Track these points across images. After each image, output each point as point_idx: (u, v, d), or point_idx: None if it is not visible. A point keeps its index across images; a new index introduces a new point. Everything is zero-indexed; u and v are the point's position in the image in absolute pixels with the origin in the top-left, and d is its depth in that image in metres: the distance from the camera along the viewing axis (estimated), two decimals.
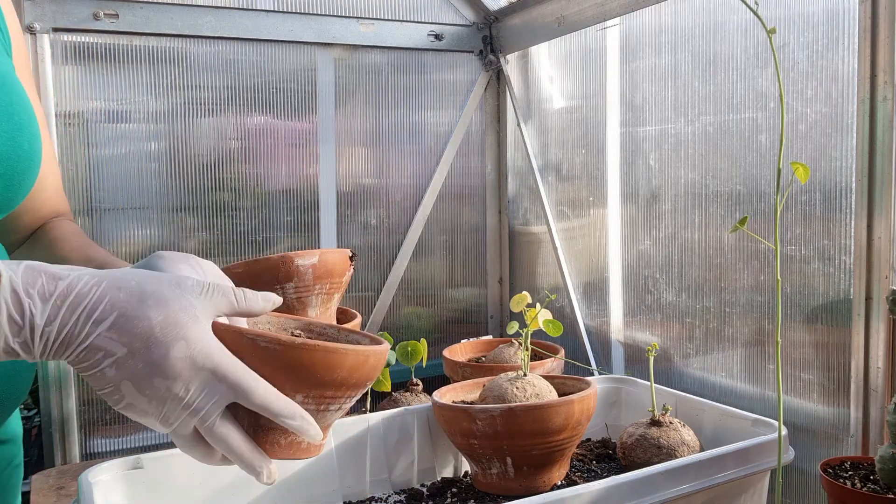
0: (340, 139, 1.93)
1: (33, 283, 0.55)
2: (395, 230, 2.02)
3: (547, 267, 2.00)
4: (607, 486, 0.97)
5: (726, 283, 1.44)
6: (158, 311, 0.58)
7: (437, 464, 1.29)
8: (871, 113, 1.13)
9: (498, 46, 2.06)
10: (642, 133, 1.63)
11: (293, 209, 1.88)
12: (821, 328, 1.26)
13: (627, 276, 1.71)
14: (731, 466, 1.07)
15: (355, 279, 1.95)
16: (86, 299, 0.57)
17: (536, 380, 1.19)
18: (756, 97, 1.36)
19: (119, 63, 1.66)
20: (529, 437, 1.09)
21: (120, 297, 0.57)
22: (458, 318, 2.13)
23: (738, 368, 1.43)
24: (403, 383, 1.59)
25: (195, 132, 1.76)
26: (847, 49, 1.19)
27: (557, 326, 1.51)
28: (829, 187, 1.23)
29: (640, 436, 1.17)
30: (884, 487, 1.02)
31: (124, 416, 1.89)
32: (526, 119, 2.03)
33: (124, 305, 0.57)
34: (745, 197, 1.39)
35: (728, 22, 1.41)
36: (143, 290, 0.59)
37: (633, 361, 1.73)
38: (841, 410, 1.24)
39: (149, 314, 0.57)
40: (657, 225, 1.60)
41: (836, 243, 1.23)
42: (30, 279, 0.56)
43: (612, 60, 1.71)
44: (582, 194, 1.83)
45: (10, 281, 0.55)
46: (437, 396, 1.22)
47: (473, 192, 2.13)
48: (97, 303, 0.57)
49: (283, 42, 1.83)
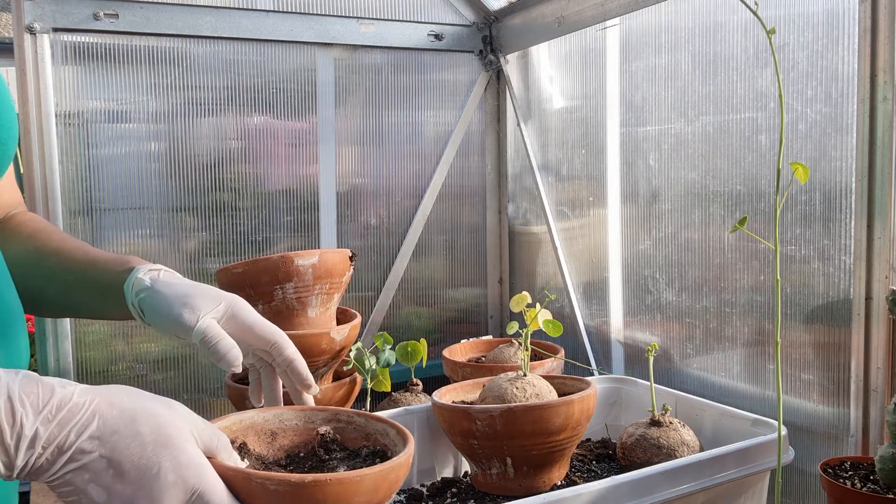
0: (340, 139, 1.93)
1: (28, 392, 0.55)
2: (395, 230, 2.02)
3: (547, 267, 2.00)
4: (607, 486, 0.97)
5: (726, 283, 1.44)
6: (151, 429, 0.58)
7: (436, 464, 1.29)
8: (871, 113, 1.13)
9: (498, 46, 2.06)
10: (642, 133, 1.63)
11: (293, 209, 1.88)
12: (821, 328, 1.26)
13: (627, 276, 1.71)
14: (730, 466, 1.07)
15: (355, 279, 1.95)
16: (77, 415, 0.56)
17: (536, 380, 1.19)
18: (756, 97, 1.36)
19: (119, 63, 1.66)
20: (529, 438, 1.09)
21: (112, 414, 0.57)
22: (458, 318, 2.13)
23: (738, 368, 1.43)
24: (403, 383, 1.59)
25: (195, 132, 1.76)
26: (847, 49, 1.19)
27: (557, 326, 1.51)
28: (829, 187, 1.23)
29: (639, 436, 1.17)
30: (884, 487, 1.02)
31: None
32: (526, 119, 2.03)
33: (116, 423, 0.57)
34: (745, 197, 1.39)
35: (728, 22, 1.41)
36: (135, 408, 0.59)
37: (633, 361, 1.73)
38: (841, 410, 1.24)
39: (140, 431, 0.57)
40: (657, 225, 1.60)
41: (836, 243, 1.23)
42: (26, 389, 0.55)
43: (612, 60, 1.71)
44: (582, 194, 1.83)
45: (8, 388, 0.54)
46: (437, 397, 1.22)
47: (473, 192, 2.13)
48: (89, 419, 0.57)
49: (283, 42, 1.83)
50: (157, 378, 1.75)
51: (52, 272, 0.89)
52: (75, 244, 0.89)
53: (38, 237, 0.89)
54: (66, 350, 1.64)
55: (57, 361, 1.63)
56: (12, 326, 0.77)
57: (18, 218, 0.93)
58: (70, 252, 0.87)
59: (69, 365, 1.64)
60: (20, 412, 0.54)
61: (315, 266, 1.44)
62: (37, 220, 0.93)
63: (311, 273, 1.44)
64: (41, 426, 0.54)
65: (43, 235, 0.89)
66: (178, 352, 1.76)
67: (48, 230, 0.91)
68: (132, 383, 1.72)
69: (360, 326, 1.57)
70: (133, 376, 1.73)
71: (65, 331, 1.63)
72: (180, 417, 0.61)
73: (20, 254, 0.89)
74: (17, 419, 0.54)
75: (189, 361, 1.78)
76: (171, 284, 0.81)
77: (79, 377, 1.66)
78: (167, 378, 1.76)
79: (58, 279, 0.89)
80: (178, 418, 0.61)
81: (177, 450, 0.58)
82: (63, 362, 1.64)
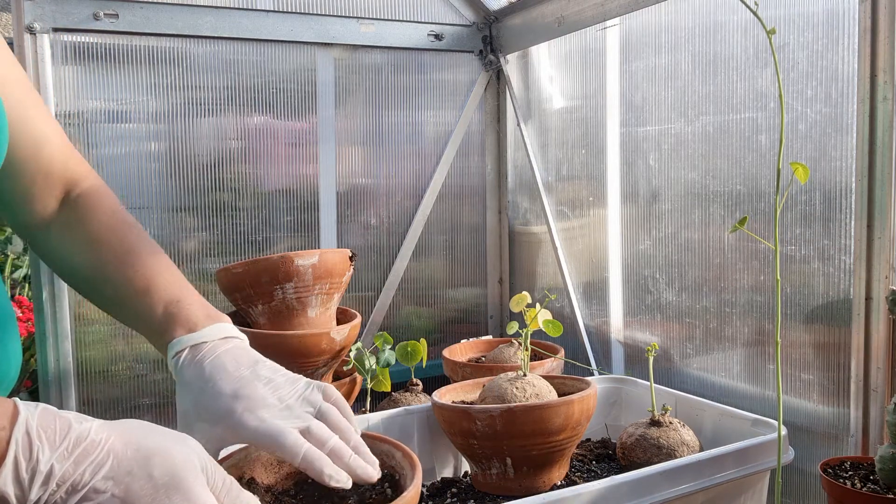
0: (340, 139, 1.93)
1: (46, 427, 0.55)
2: (395, 230, 2.02)
3: (547, 267, 2.00)
4: (607, 486, 0.97)
5: (726, 283, 1.44)
6: (163, 470, 0.58)
7: (436, 464, 1.29)
8: (871, 113, 1.13)
9: (498, 46, 2.06)
10: (642, 133, 1.63)
11: (293, 209, 1.88)
12: (821, 328, 1.26)
13: (627, 276, 1.71)
14: (730, 466, 1.07)
15: (355, 279, 1.95)
16: (93, 453, 0.56)
17: (536, 380, 1.19)
18: (756, 97, 1.36)
19: (119, 63, 1.66)
20: (529, 438, 1.09)
21: (127, 455, 0.58)
22: (458, 318, 2.13)
23: (738, 368, 1.43)
24: (403, 383, 1.59)
25: (195, 132, 1.76)
26: (847, 49, 1.19)
27: (557, 326, 1.51)
28: (829, 187, 1.23)
29: (639, 436, 1.17)
30: (884, 487, 1.02)
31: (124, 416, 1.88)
32: (526, 119, 2.03)
33: (130, 464, 0.57)
34: (745, 197, 1.39)
35: (728, 22, 1.41)
36: (150, 447, 0.59)
37: (633, 361, 1.73)
38: (841, 410, 1.24)
39: (154, 473, 0.58)
40: (657, 225, 1.60)
41: (836, 243, 1.23)
42: (44, 423, 0.55)
43: (612, 60, 1.71)
44: (582, 194, 1.83)
45: (27, 423, 0.54)
46: (437, 397, 1.22)
47: (473, 192, 2.13)
48: (105, 458, 0.57)
49: (283, 42, 1.83)
50: (157, 378, 1.75)
51: (105, 298, 0.88)
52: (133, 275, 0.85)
53: (99, 250, 0.87)
54: (66, 350, 1.64)
55: (57, 361, 1.63)
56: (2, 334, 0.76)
57: (83, 208, 0.90)
58: (125, 287, 0.85)
59: (69, 365, 1.64)
60: (37, 447, 0.54)
61: (315, 266, 1.44)
62: (101, 223, 0.89)
63: (311, 273, 1.44)
64: (56, 463, 0.54)
65: (103, 252, 0.87)
66: None
67: (109, 242, 0.87)
68: (132, 383, 1.73)
69: (360, 326, 1.57)
70: (133, 376, 1.73)
71: (65, 331, 1.64)
72: (192, 452, 0.61)
73: (74, 258, 0.89)
74: (34, 454, 0.54)
75: None
76: (184, 385, 0.77)
77: (79, 377, 1.66)
78: (167, 378, 1.76)
79: (108, 304, 0.89)
80: (190, 455, 0.61)
81: (187, 493, 0.58)
82: (63, 362, 1.64)
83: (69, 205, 0.91)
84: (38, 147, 0.86)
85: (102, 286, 0.87)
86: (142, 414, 1.74)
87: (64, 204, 0.91)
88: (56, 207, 0.91)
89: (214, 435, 0.74)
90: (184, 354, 0.79)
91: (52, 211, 0.91)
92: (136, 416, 1.73)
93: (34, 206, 0.89)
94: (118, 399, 1.72)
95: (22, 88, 0.85)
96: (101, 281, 0.87)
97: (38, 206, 0.90)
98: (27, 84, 0.87)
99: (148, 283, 0.84)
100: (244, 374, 0.76)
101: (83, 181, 0.92)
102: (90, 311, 1.68)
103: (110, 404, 1.71)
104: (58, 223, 0.91)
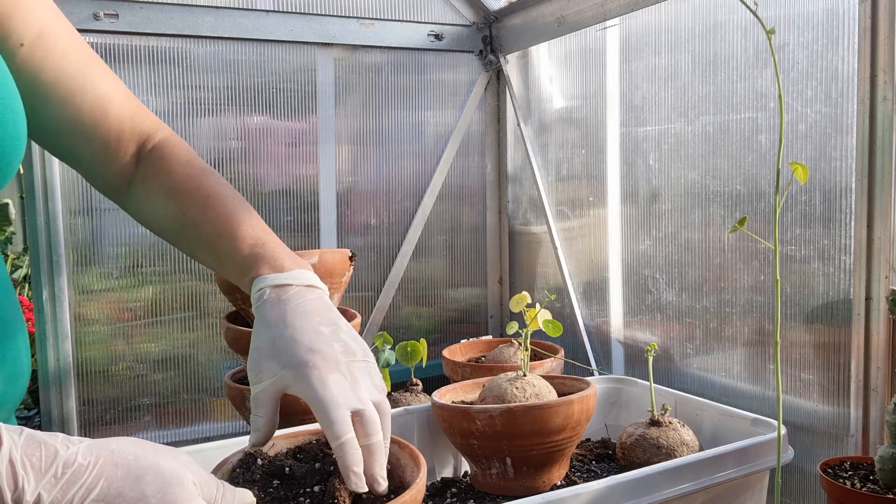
0: (340, 139, 1.93)
1: (31, 455, 0.55)
2: (395, 230, 2.02)
3: (547, 267, 2.00)
4: (607, 486, 0.97)
5: (726, 283, 1.44)
6: (156, 489, 0.58)
7: (436, 464, 1.29)
8: (871, 113, 1.13)
9: (498, 46, 2.06)
10: (642, 133, 1.63)
11: (293, 209, 1.88)
12: (821, 328, 1.26)
13: (627, 276, 1.71)
14: (730, 466, 1.07)
15: (355, 279, 1.95)
16: (82, 477, 0.56)
17: (536, 380, 1.19)
18: (756, 97, 1.36)
19: (119, 63, 1.67)
20: (529, 438, 1.08)
21: (117, 475, 0.57)
22: (458, 318, 2.13)
23: (738, 368, 1.43)
24: (403, 383, 1.59)
25: (195, 132, 1.76)
26: (847, 49, 1.19)
27: (557, 326, 1.51)
28: (829, 187, 1.23)
29: (639, 436, 1.17)
30: (883, 488, 1.02)
31: (124, 416, 1.89)
32: (526, 119, 2.03)
33: (121, 485, 0.57)
34: (745, 197, 1.39)
35: (728, 22, 1.41)
36: (140, 466, 0.58)
37: (633, 361, 1.73)
38: (841, 410, 1.24)
39: (145, 491, 0.57)
40: (657, 225, 1.60)
41: (836, 243, 1.23)
42: (28, 451, 0.55)
43: (612, 60, 1.71)
44: (582, 194, 1.83)
45: (10, 453, 0.54)
46: (437, 396, 1.22)
47: (473, 192, 2.13)
48: (94, 482, 0.56)
49: (282, 42, 1.83)
50: (157, 378, 1.75)
51: (191, 243, 0.90)
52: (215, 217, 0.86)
53: (180, 199, 0.88)
54: (67, 350, 1.64)
55: (57, 361, 1.63)
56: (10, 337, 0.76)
57: (158, 161, 0.91)
58: (209, 228, 0.86)
59: (69, 365, 1.65)
60: (21, 476, 0.53)
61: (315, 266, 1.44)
62: (179, 174, 0.90)
63: None
64: (44, 491, 0.54)
65: (184, 199, 0.88)
66: (179, 352, 1.77)
67: (189, 191, 0.88)
68: (132, 383, 1.73)
69: (360, 326, 1.57)
70: (133, 376, 1.73)
71: (65, 331, 1.64)
72: (184, 467, 0.61)
73: (157, 210, 0.91)
74: (20, 484, 0.53)
75: (189, 361, 1.78)
76: (264, 321, 0.78)
77: (79, 377, 1.66)
78: (167, 378, 1.76)
79: (191, 248, 0.91)
80: (181, 471, 0.60)
81: None
82: (63, 362, 1.64)
83: (145, 160, 0.91)
84: (105, 109, 0.87)
85: (188, 231, 0.89)
86: (142, 414, 1.74)
87: (140, 160, 0.92)
88: (133, 165, 0.91)
89: (280, 376, 0.74)
90: (268, 292, 0.79)
91: (130, 169, 0.91)
92: (135, 415, 1.73)
93: (111, 167, 0.90)
94: (118, 399, 1.72)
95: (79, 50, 0.85)
96: (187, 226, 0.88)
97: (114, 167, 0.90)
98: (82, 44, 0.87)
99: (232, 224, 0.85)
100: (323, 331, 0.77)
101: (155, 134, 0.93)
102: (90, 311, 1.68)
103: (110, 404, 1.71)
104: (138, 180, 0.91)
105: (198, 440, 1.76)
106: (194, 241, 0.89)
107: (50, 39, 0.83)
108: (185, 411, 1.78)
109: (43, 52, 0.82)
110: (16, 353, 0.77)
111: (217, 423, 1.81)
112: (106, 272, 1.69)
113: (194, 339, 1.78)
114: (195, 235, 0.88)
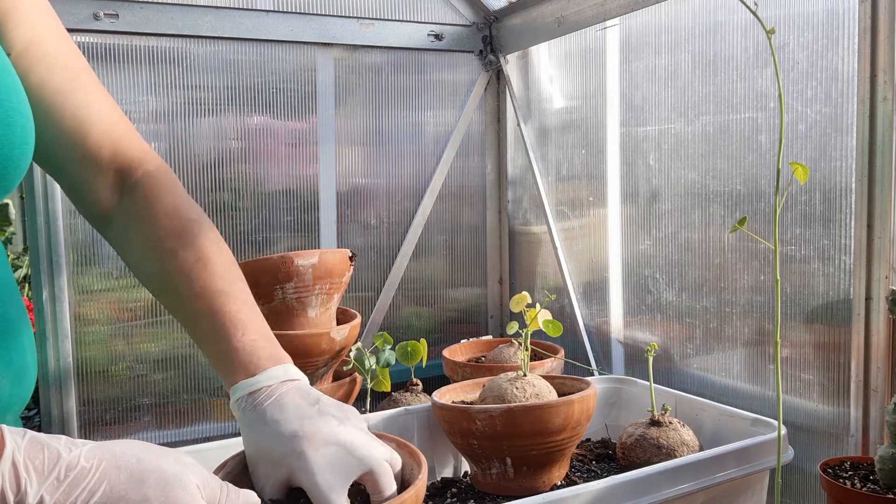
0: (340, 139, 1.93)
1: (33, 457, 0.55)
2: (395, 230, 2.02)
3: (547, 267, 2.00)
4: (607, 486, 0.97)
5: (726, 283, 1.44)
6: (158, 492, 0.58)
7: (436, 464, 1.29)
8: (871, 113, 1.13)
9: (498, 46, 2.06)
10: (642, 133, 1.63)
11: (293, 209, 1.88)
12: (821, 328, 1.26)
13: (627, 276, 1.71)
14: (730, 466, 1.07)
15: (355, 279, 1.95)
16: (84, 480, 0.56)
17: (536, 380, 1.19)
18: (756, 97, 1.36)
19: (119, 63, 1.66)
20: (529, 438, 1.08)
21: (120, 478, 0.57)
22: (458, 318, 2.13)
23: (738, 368, 1.43)
24: (403, 383, 1.59)
25: (195, 132, 1.76)
26: (847, 49, 1.19)
27: (557, 326, 1.51)
28: (829, 187, 1.23)
29: (639, 436, 1.17)
30: (883, 488, 1.02)
31: (124, 417, 1.88)
32: (526, 119, 2.03)
33: (124, 488, 0.57)
34: (745, 197, 1.39)
35: (728, 22, 1.41)
36: (143, 469, 0.59)
37: (633, 361, 1.73)
38: (841, 410, 1.24)
39: (148, 495, 0.57)
40: (657, 225, 1.60)
41: (836, 243, 1.23)
42: (31, 454, 0.55)
43: (612, 60, 1.71)
44: (582, 194, 1.83)
45: (13, 455, 0.54)
46: (437, 397, 1.22)
47: (473, 192, 2.13)
48: (97, 485, 0.56)
49: (283, 42, 1.83)
50: (157, 378, 1.75)
51: (171, 308, 0.86)
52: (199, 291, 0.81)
53: (162, 258, 0.83)
54: (67, 350, 1.64)
55: (57, 361, 1.63)
56: (16, 338, 0.76)
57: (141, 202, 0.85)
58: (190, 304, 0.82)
59: (69, 365, 1.64)
60: (24, 479, 0.53)
61: (315, 266, 1.44)
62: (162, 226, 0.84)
63: (311, 273, 1.44)
64: (47, 494, 0.54)
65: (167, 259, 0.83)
66: (179, 352, 1.77)
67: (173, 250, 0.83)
68: (132, 383, 1.73)
69: (360, 326, 1.57)
70: (133, 376, 1.73)
71: (65, 331, 1.64)
72: (187, 470, 0.61)
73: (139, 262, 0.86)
74: (22, 487, 0.53)
75: (189, 361, 1.78)
76: (248, 428, 0.77)
77: (79, 377, 1.66)
78: (167, 378, 1.76)
79: (172, 312, 0.86)
80: (184, 473, 0.60)
81: None
82: (63, 362, 1.64)
83: (128, 195, 0.86)
84: (84, 132, 0.83)
85: (170, 298, 0.85)
86: (142, 414, 1.74)
87: (123, 193, 0.87)
88: (114, 196, 0.87)
89: (277, 476, 0.74)
90: (245, 400, 0.78)
91: (110, 200, 0.87)
92: (135, 415, 1.73)
93: (89, 194, 0.86)
94: (118, 399, 1.72)
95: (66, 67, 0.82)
96: (168, 291, 0.85)
97: (92, 195, 0.86)
98: (72, 60, 0.83)
99: (214, 306, 0.82)
100: (306, 412, 0.76)
101: (139, 167, 0.87)
102: (90, 311, 1.68)
103: (110, 404, 1.71)
104: (119, 216, 0.87)
105: (198, 440, 1.76)
106: (175, 309, 0.85)
107: (37, 53, 0.80)
108: (185, 411, 1.78)
109: (28, 64, 0.79)
110: (21, 354, 0.76)
111: (217, 423, 1.81)
112: (106, 272, 1.69)
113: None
114: (176, 305, 0.84)
